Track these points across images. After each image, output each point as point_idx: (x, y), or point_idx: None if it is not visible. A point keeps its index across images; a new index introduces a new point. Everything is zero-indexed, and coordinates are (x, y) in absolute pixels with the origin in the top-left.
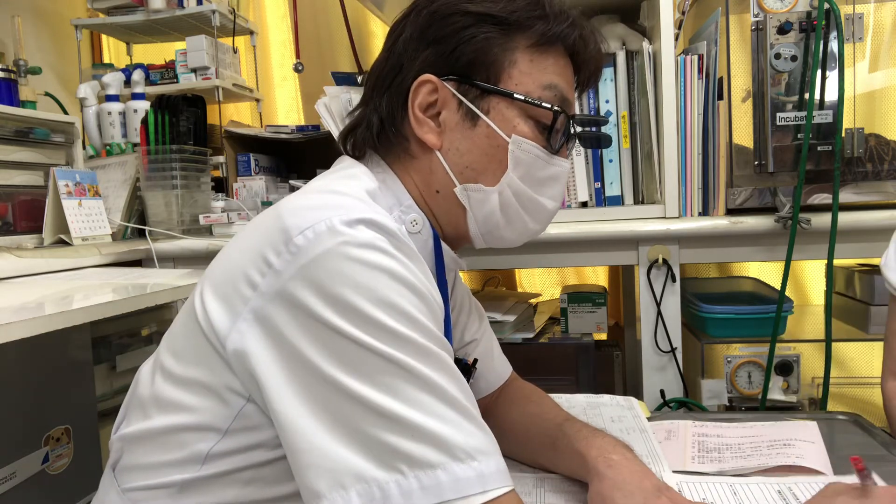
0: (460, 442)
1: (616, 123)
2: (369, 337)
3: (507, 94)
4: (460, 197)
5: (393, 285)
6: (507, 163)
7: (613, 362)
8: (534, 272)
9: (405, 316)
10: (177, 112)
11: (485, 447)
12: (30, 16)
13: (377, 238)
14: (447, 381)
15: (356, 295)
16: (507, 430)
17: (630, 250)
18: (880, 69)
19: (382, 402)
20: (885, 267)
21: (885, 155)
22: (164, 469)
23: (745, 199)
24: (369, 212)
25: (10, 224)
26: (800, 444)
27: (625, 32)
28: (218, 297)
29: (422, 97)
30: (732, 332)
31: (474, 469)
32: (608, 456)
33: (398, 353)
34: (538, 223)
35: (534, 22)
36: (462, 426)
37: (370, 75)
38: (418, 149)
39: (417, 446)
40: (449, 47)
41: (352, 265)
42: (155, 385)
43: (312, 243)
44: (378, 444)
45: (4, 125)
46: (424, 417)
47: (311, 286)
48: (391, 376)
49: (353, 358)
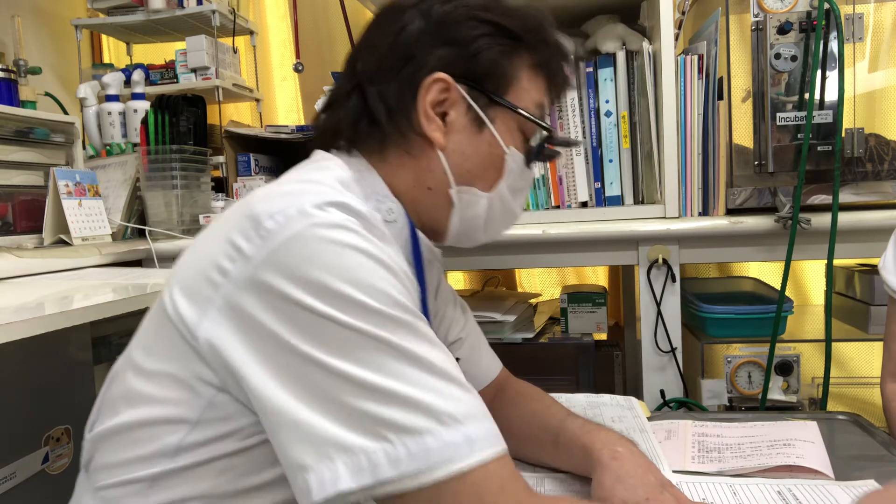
0: (446, 407)
1: (616, 123)
2: (343, 314)
3: (513, 108)
4: (453, 196)
5: (364, 262)
6: (503, 172)
7: (613, 362)
8: (534, 272)
9: (378, 291)
10: (177, 112)
11: (472, 411)
12: (30, 16)
13: (347, 219)
14: (426, 349)
15: (328, 274)
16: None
17: (630, 250)
18: (880, 69)
19: (363, 376)
20: (884, 269)
21: (885, 155)
22: (135, 464)
23: (745, 199)
24: (340, 196)
25: (10, 224)
26: (800, 443)
27: (625, 32)
28: (187, 288)
29: (433, 94)
30: (732, 332)
31: (462, 433)
32: (613, 448)
33: (373, 328)
34: (506, 227)
35: (540, 45)
36: (446, 392)
37: (367, 54)
38: (419, 145)
39: (403, 414)
40: (468, 51)
41: (322, 246)
42: (125, 382)
43: (283, 227)
44: (362, 414)
45: (4, 125)
46: (406, 387)
47: (282, 269)
48: (368, 351)
49: (329, 336)
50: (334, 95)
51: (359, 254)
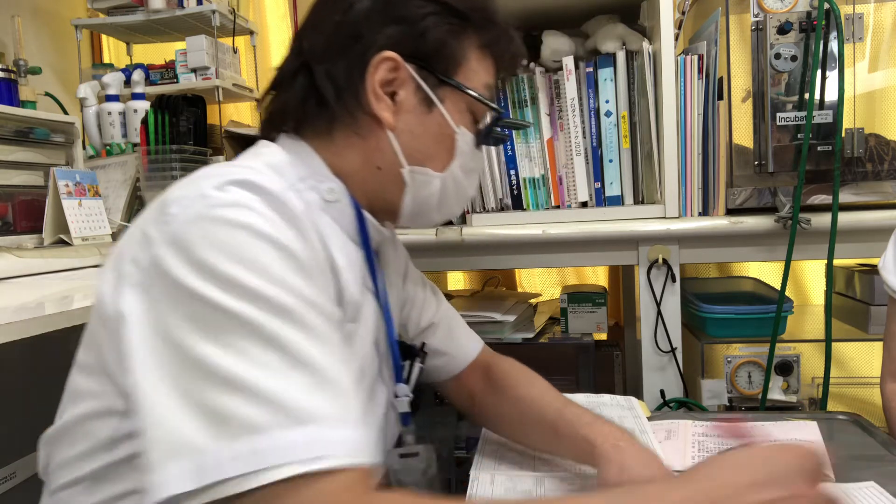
0: (299, 405)
1: (616, 123)
2: (223, 294)
3: (462, 89)
4: (406, 177)
5: (254, 241)
6: (454, 152)
7: (613, 362)
8: (534, 272)
9: (265, 271)
10: (177, 112)
11: (333, 414)
12: (30, 16)
13: (247, 198)
14: (305, 340)
15: (215, 253)
16: (501, 416)
17: (630, 250)
18: (880, 69)
19: (224, 364)
20: (884, 269)
21: (885, 155)
22: (79, 462)
23: (745, 199)
24: (249, 174)
25: (10, 224)
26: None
27: (625, 32)
28: (109, 279)
29: (382, 73)
30: (732, 332)
31: (307, 435)
32: (615, 442)
33: (250, 310)
34: (460, 207)
35: (488, 25)
36: (307, 389)
37: (313, 32)
38: (368, 125)
39: (252, 409)
40: (416, 30)
41: (214, 225)
42: (70, 380)
43: (184, 209)
44: (214, 408)
45: (4, 125)
46: (266, 378)
47: (177, 251)
48: (238, 335)
49: (205, 318)
50: (280, 76)
51: (249, 232)
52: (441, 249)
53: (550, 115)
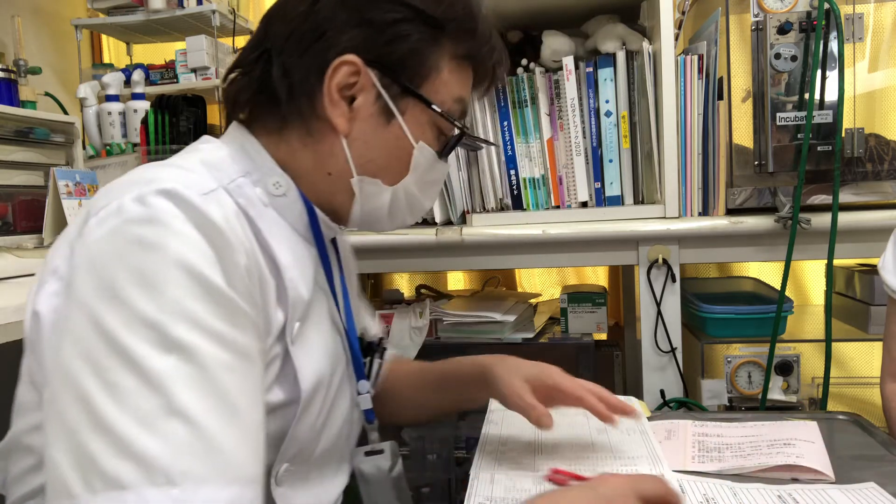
0: (167, 464)
1: (616, 123)
2: (118, 321)
3: (427, 102)
4: (354, 186)
5: (162, 266)
6: (408, 166)
7: (613, 362)
8: (534, 272)
9: (167, 300)
10: (177, 112)
11: (201, 473)
12: (30, 16)
13: (167, 212)
14: (189, 383)
15: (120, 278)
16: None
17: (630, 250)
18: (880, 69)
19: (103, 406)
20: (883, 269)
21: (885, 155)
22: (29, 475)
23: (745, 199)
24: (176, 181)
25: (10, 224)
26: (800, 443)
27: (625, 32)
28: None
29: (341, 77)
30: (732, 332)
31: (171, 497)
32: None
33: (139, 346)
34: (414, 218)
35: (465, 36)
36: (178, 443)
37: (279, 20)
38: (322, 128)
39: (119, 463)
40: (383, 36)
41: (125, 246)
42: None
43: (101, 224)
44: (86, 455)
45: (4, 125)
46: (135, 427)
47: (87, 269)
48: (122, 372)
49: (96, 346)
50: (243, 57)
51: (161, 257)
52: (441, 249)
53: (550, 115)
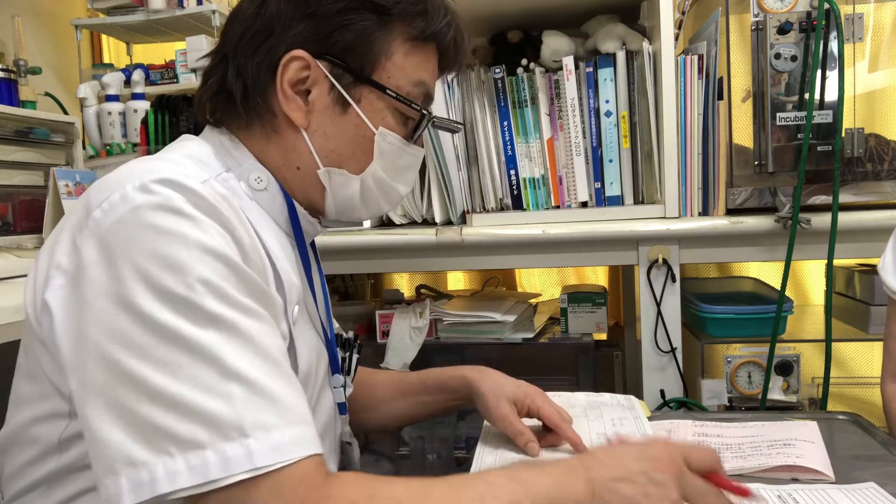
0: (232, 419)
1: (616, 123)
2: (151, 307)
3: (381, 87)
4: (322, 178)
5: (182, 249)
6: (372, 153)
7: (613, 362)
8: (534, 272)
9: (195, 280)
10: (177, 112)
11: (267, 421)
12: (30, 16)
13: (171, 198)
14: (234, 349)
15: (143, 263)
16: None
17: (630, 250)
18: (880, 69)
19: (155, 381)
20: (883, 270)
21: (885, 155)
22: (30, 467)
23: (745, 199)
24: (171, 170)
25: (10, 224)
26: (800, 443)
27: (625, 32)
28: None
29: (292, 72)
30: (732, 332)
31: (245, 447)
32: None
33: (179, 323)
34: (390, 205)
35: (415, 18)
36: (239, 401)
37: (235, 22)
38: (283, 124)
39: (186, 426)
40: (327, 27)
41: (140, 232)
42: (13, 387)
43: (107, 215)
44: (148, 425)
45: (4, 125)
46: (197, 394)
47: (104, 261)
48: (168, 349)
49: (133, 333)
50: (209, 62)
51: (177, 239)
52: (441, 249)
53: (550, 115)
